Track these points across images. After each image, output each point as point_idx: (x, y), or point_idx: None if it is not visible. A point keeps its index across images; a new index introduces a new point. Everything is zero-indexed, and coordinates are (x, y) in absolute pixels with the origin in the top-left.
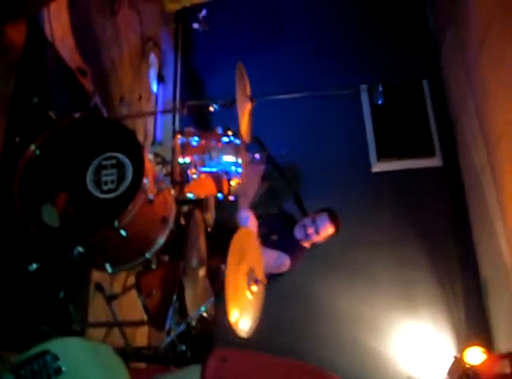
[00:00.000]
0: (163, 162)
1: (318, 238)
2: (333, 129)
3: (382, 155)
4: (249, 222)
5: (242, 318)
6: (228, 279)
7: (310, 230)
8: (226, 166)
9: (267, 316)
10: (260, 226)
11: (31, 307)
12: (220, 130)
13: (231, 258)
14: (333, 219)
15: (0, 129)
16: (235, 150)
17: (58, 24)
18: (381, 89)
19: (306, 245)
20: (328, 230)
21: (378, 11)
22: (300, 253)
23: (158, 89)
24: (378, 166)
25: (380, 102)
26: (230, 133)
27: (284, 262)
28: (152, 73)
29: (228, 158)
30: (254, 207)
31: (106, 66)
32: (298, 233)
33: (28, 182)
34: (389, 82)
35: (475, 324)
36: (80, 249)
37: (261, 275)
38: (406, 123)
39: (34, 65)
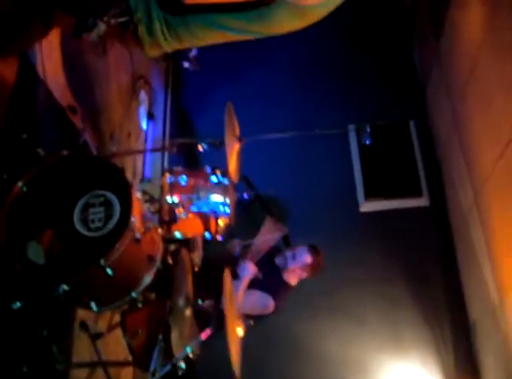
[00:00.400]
0: (151, 200)
1: (297, 268)
2: (321, 168)
3: (370, 195)
4: (249, 273)
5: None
6: (229, 324)
7: (289, 257)
8: (214, 205)
9: (251, 358)
10: None
11: (12, 346)
12: (208, 170)
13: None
14: (313, 251)
15: None
16: (224, 190)
17: (49, 62)
18: (368, 129)
19: (292, 282)
20: (307, 259)
21: (366, 52)
22: (285, 293)
23: (148, 126)
24: (365, 206)
25: (368, 142)
26: (218, 172)
27: (268, 304)
28: (142, 111)
29: (217, 197)
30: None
31: (96, 103)
32: (278, 260)
33: (14, 219)
34: (376, 122)
35: (464, 365)
36: (65, 287)
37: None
38: (393, 163)
39: (24, 102)
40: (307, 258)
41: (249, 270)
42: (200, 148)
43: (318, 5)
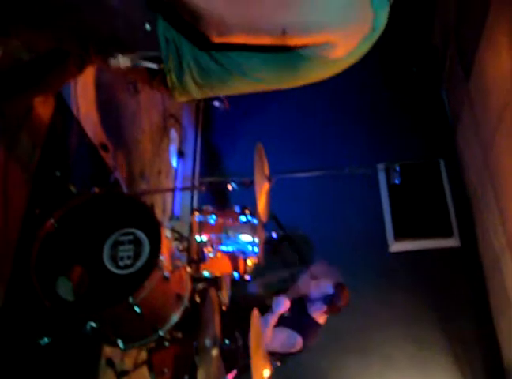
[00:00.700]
0: (180, 238)
1: (322, 304)
2: (350, 207)
3: (399, 235)
4: (283, 308)
5: None
6: (255, 364)
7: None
8: (243, 245)
9: None
10: None
11: None
12: (237, 209)
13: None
14: (337, 286)
15: (22, 201)
16: (252, 229)
17: (84, 100)
18: (398, 169)
19: (320, 320)
20: (330, 293)
21: (395, 91)
22: (314, 331)
23: (178, 164)
24: (395, 246)
25: (397, 181)
26: (247, 212)
27: (296, 342)
28: (173, 149)
29: (245, 237)
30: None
31: (127, 141)
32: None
33: (44, 255)
34: (405, 162)
35: None
36: (93, 324)
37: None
38: (423, 203)
39: (58, 140)
40: (330, 289)
41: (283, 305)
42: (229, 188)
43: (347, 55)
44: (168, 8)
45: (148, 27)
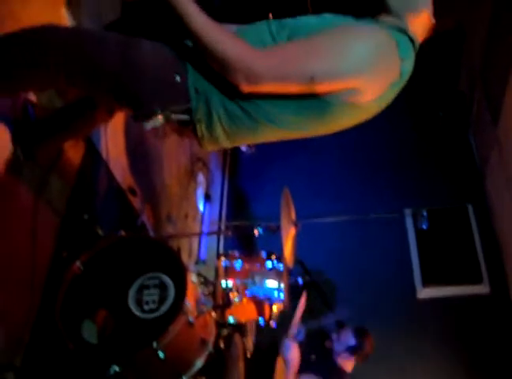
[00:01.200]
0: (205, 282)
1: (344, 352)
2: (377, 252)
3: (428, 281)
4: (291, 352)
5: None
6: None
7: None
8: (268, 291)
9: None
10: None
11: None
12: (263, 255)
13: None
14: (359, 333)
15: (50, 243)
16: (278, 275)
17: (113, 145)
18: (425, 214)
19: (347, 368)
20: (351, 341)
21: (422, 135)
22: (341, 378)
23: (204, 208)
24: (423, 292)
25: (425, 227)
26: (274, 257)
27: None
28: (200, 192)
29: (271, 283)
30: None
31: (155, 185)
32: (327, 343)
33: (70, 297)
34: (433, 207)
35: None
36: (116, 368)
37: None
38: (452, 248)
39: (87, 183)
40: (352, 340)
41: (291, 350)
42: (256, 233)
43: (375, 101)
44: (198, 58)
45: (178, 78)
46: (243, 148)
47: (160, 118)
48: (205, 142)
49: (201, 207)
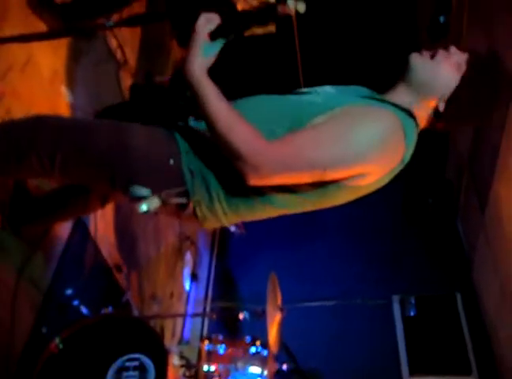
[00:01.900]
0: (187, 365)
1: None
2: (364, 339)
3: (415, 371)
4: None
5: None
6: None
7: None
8: (251, 377)
9: None
10: None
11: None
12: (248, 340)
13: None
14: None
15: (30, 320)
16: (262, 361)
17: (102, 220)
18: (413, 301)
19: None
20: None
21: (411, 221)
22: None
23: (190, 287)
24: None
25: (412, 313)
26: (258, 343)
27: None
28: (187, 271)
29: (254, 369)
30: None
31: (142, 262)
32: None
33: (46, 376)
34: (421, 293)
35: None
36: None
37: None
38: (440, 337)
39: (73, 259)
40: None
41: None
42: (241, 316)
43: (375, 181)
44: (194, 141)
45: (171, 161)
46: (232, 229)
47: (155, 201)
48: (206, 222)
49: (187, 286)
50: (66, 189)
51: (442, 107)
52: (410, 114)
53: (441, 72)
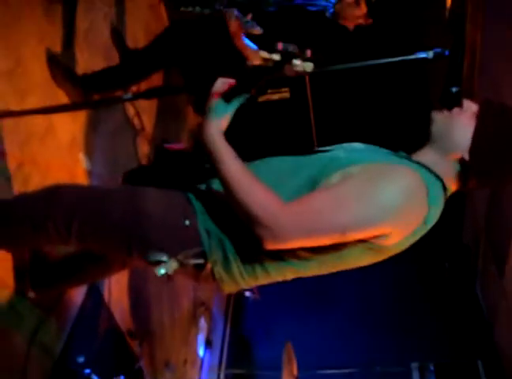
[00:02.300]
0: None
1: None
2: None
3: None
4: None
5: None
6: None
7: None
8: None
9: None
10: None
11: None
12: None
13: None
14: None
15: None
16: None
17: (116, 284)
18: (432, 368)
19: None
20: None
21: (429, 286)
22: None
23: (204, 354)
24: None
25: None
26: None
27: None
28: (201, 338)
29: None
30: None
31: (156, 328)
32: None
33: None
34: (440, 361)
35: None
36: None
37: None
38: None
39: (86, 324)
40: None
41: None
42: None
43: (397, 243)
44: (209, 203)
45: (187, 222)
46: (247, 294)
47: (173, 264)
48: (224, 284)
49: (201, 352)
50: (83, 254)
51: (466, 156)
52: (436, 175)
53: (459, 124)
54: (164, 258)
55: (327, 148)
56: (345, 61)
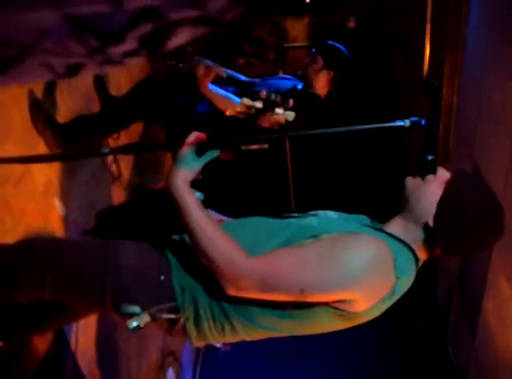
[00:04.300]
0: None
1: None
2: None
3: None
4: None
5: None
6: None
7: None
8: None
9: None
10: None
11: None
12: None
13: None
14: None
15: None
16: None
17: (83, 334)
18: None
19: None
20: None
21: (401, 344)
22: None
23: None
24: None
25: None
26: None
27: None
28: None
29: None
30: None
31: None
32: None
33: None
34: None
35: None
36: None
37: None
38: None
39: (50, 372)
40: None
41: None
42: None
43: (365, 311)
44: (184, 255)
45: (162, 277)
46: (218, 345)
47: (146, 318)
48: (193, 339)
49: None
50: (48, 302)
51: (431, 223)
52: (407, 245)
53: (429, 191)
54: (137, 311)
55: (308, 213)
56: (322, 126)
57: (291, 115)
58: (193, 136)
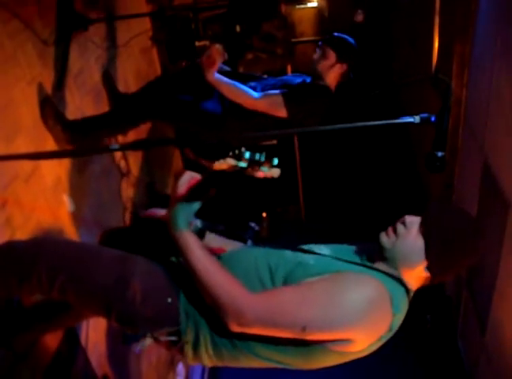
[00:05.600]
0: None
1: None
2: None
3: None
4: None
5: None
6: None
7: None
8: None
9: None
10: None
11: None
12: None
13: None
14: None
15: None
16: None
17: (94, 329)
18: None
19: None
20: None
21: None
22: None
23: None
24: None
25: None
26: None
27: None
28: None
29: None
30: None
31: (132, 373)
32: None
33: None
34: None
35: None
36: None
37: None
38: None
39: (61, 369)
40: None
41: None
42: None
43: (362, 350)
44: (191, 285)
45: (169, 301)
46: None
47: (148, 341)
48: (189, 359)
49: None
50: (58, 301)
51: (427, 273)
52: (398, 279)
53: (407, 245)
54: (140, 336)
55: (302, 248)
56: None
57: (276, 172)
58: (188, 177)
